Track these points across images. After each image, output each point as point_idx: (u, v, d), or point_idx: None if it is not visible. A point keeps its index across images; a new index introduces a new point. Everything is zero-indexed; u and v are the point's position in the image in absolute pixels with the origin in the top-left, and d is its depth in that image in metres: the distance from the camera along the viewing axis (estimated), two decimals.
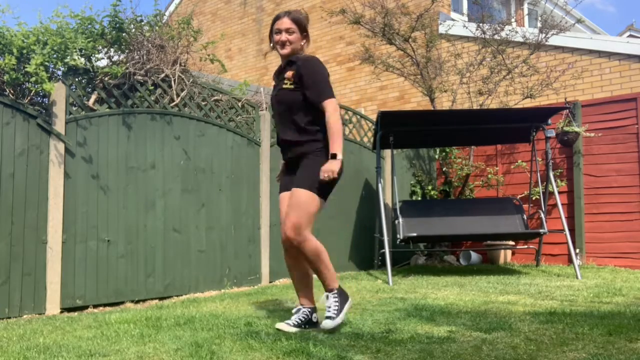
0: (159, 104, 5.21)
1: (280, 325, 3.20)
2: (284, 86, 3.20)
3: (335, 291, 3.18)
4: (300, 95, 3.15)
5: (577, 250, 6.83)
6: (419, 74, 7.56)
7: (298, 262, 3.24)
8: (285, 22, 3.20)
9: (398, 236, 6.18)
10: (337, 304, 3.14)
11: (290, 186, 3.18)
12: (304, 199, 3.05)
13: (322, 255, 3.12)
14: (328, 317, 3.10)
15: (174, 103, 5.30)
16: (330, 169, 3.03)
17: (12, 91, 4.41)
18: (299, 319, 3.23)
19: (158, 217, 5.06)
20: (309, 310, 3.29)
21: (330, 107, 3.11)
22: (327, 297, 3.18)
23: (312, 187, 3.06)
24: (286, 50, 3.21)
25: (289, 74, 3.19)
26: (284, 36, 3.19)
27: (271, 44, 3.31)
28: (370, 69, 8.23)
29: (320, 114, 3.13)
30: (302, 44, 3.26)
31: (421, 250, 7.66)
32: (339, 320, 3.10)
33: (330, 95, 3.14)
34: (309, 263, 3.16)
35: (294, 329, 3.15)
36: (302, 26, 3.23)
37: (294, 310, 3.36)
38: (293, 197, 3.08)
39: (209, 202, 5.46)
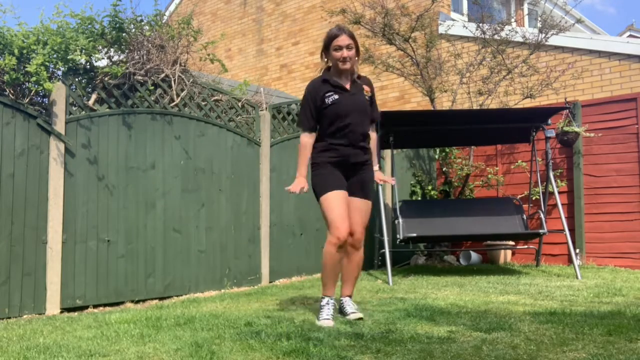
0: (159, 104, 5.21)
1: (357, 315, 3.51)
2: (366, 96, 3.56)
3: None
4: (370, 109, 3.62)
5: (577, 250, 6.83)
6: (419, 74, 7.56)
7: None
8: (345, 39, 3.42)
9: (398, 236, 6.17)
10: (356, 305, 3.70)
11: (349, 189, 3.51)
12: (370, 209, 3.61)
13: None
14: (354, 312, 3.55)
15: (174, 103, 5.30)
16: (385, 179, 3.77)
17: (12, 91, 4.41)
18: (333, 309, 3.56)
19: (158, 217, 5.06)
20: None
21: (375, 132, 3.75)
22: (347, 301, 3.68)
23: (371, 198, 3.63)
24: (347, 66, 3.45)
25: (367, 88, 3.58)
26: (345, 52, 3.42)
27: (325, 59, 3.54)
28: (370, 69, 8.23)
29: None
30: (357, 58, 3.52)
31: (421, 250, 7.66)
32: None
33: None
34: (358, 265, 3.65)
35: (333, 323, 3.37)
36: (356, 41, 3.49)
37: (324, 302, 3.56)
38: (365, 207, 3.56)
39: (209, 202, 5.46)
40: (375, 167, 3.70)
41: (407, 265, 7.39)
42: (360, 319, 3.45)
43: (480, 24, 7.41)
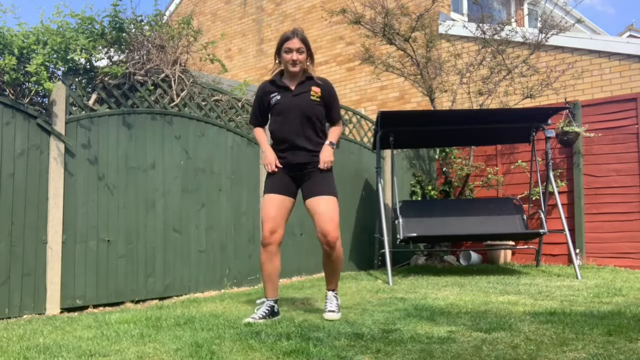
0: (159, 104, 5.21)
1: (331, 315, 3.52)
2: (312, 97, 3.53)
3: (336, 291, 3.71)
4: (323, 110, 3.59)
5: (577, 250, 6.83)
6: (419, 74, 7.56)
7: (274, 260, 3.60)
8: (296, 42, 3.48)
9: (398, 236, 6.17)
10: (338, 301, 3.66)
11: (306, 192, 3.56)
12: (336, 204, 3.54)
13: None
14: (331, 311, 3.54)
15: (174, 103, 5.30)
16: (328, 154, 3.57)
17: (12, 91, 4.42)
18: (266, 311, 3.53)
19: (158, 217, 5.06)
20: (274, 303, 3.61)
21: (340, 125, 3.77)
22: (333, 295, 3.66)
23: (335, 193, 3.57)
24: (297, 68, 3.51)
25: (316, 89, 3.55)
26: (295, 55, 3.48)
27: (277, 61, 3.60)
28: (370, 69, 8.23)
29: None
30: (308, 62, 3.57)
31: (421, 250, 7.66)
32: (340, 315, 3.56)
33: (341, 114, 3.83)
34: (336, 262, 3.58)
35: (262, 321, 3.42)
36: (308, 45, 3.55)
37: (259, 301, 3.66)
38: (328, 203, 3.49)
39: (209, 202, 5.46)
40: (327, 142, 3.61)
41: (407, 265, 7.39)
42: (332, 320, 3.44)
43: (480, 24, 7.41)
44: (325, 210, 3.47)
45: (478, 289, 4.81)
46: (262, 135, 3.72)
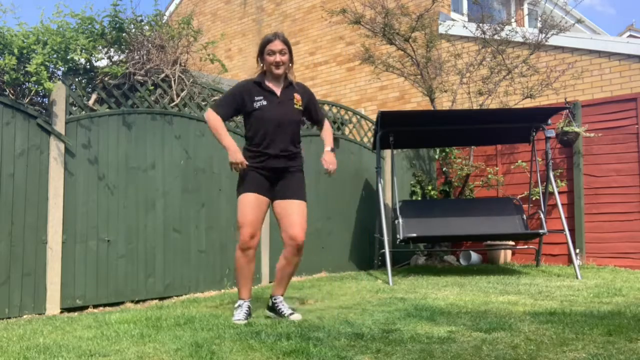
0: (159, 104, 5.21)
1: (296, 316, 3.52)
2: (295, 106, 3.58)
3: None
4: (301, 117, 3.67)
5: (577, 251, 6.82)
6: (419, 74, 7.56)
7: (252, 263, 3.56)
8: (278, 44, 3.50)
9: (398, 236, 6.17)
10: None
11: (279, 193, 3.56)
12: (306, 210, 3.56)
13: None
14: (292, 313, 3.56)
15: (174, 103, 5.30)
16: (334, 161, 3.62)
17: (12, 91, 4.42)
18: (247, 312, 3.56)
19: (158, 217, 5.06)
20: (250, 302, 3.64)
21: (327, 122, 3.85)
22: (282, 301, 3.64)
23: (306, 199, 3.61)
24: (280, 70, 3.52)
25: (297, 97, 3.60)
26: (278, 57, 3.50)
27: (261, 64, 3.58)
28: (370, 69, 8.23)
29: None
30: (290, 64, 3.58)
31: (421, 250, 7.66)
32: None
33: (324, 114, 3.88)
34: (296, 266, 3.58)
35: (245, 321, 3.45)
36: (290, 47, 3.57)
37: (237, 304, 3.63)
38: (301, 208, 3.53)
39: (209, 202, 5.46)
40: (327, 148, 3.66)
41: (407, 265, 7.39)
42: (299, 318, 3.46)
43: (480, 24, 7.41)
44: (298, 215, 3.49)
45: (478, 289, 4.81)
46: (224, 128, 3.56)
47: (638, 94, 6.86)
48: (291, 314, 3.54)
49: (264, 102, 3.51)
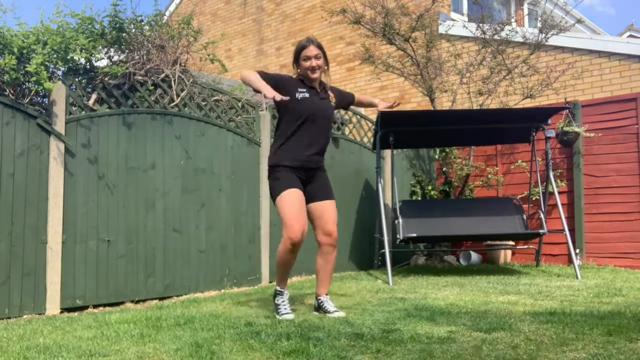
0: (159, 104, 5.21)
1: (340, 314, 3.61)
2: (331, 102, 3.76)
3: None
4: (334, 113, 3.90)
5: (577, 251, 6.82)
6: (419, 74, 7.56)
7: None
8: (313, 50, 3.64)
9: (398, 236, 6.17)
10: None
11: (312, 194, 3.66)
12: (336, 208, 3.72)
13: None
14: (337, 310, 3.64)
15: (174, 103, 5.30)
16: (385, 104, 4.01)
17: (12, 91, 4.41)
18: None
19: (158, 217, 5.06)
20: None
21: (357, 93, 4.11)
22: (327, 300, 3.75)
23: (334, 198, 3.76)
24: (316, 74, 3.65)
25: (331, 94, 3.80)
26: (314, 62, 3.62)
27: (298, 70, 3.69)
28: (370, 69, 8.23)
29: None
30: (325, 67, 3.72)
31: (421, 250, 7.66)
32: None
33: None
34: (334, 262, 3.71)
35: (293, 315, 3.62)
36: (324, 51, 3.71)
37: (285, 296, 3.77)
38: (333, 207, 3.69)
39: (209, 202, 5.46)
40: (375, 100, 4.07)
41: (407, 265, 7.39)
42: (340, 316, 3.56)
43: (480, 24, 7.41)
44: (331, 213, 3.66)
45: (478, 289, 4.81)
46: (258, 76, 3.51)
47: (638, 94, 6.86)
48: (335, 311, 3.62)
49: (307, 95, 3.62)
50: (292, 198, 3.49)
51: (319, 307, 3.73)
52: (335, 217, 3.67)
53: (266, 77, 3.54)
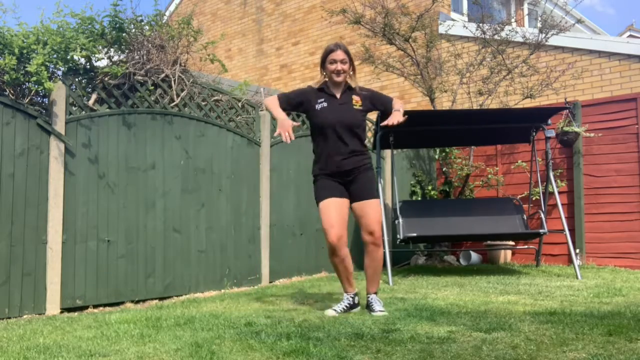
0: (159, 104, 5.21)
1: (382, 313, 3.66)
2: (355, 107, 3.77)
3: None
4: (365, 117, 3.87)
5: (577, 251, 6.83)
6: (419, 74, 7.56)
7: (345, 260, 3.80)
8: (340, 54, 3.72)
9: (398, 236, 6.17)
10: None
11: (354, 195, 3.75)
12: (379, 205, 3.79)
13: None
14: (381, 310, 3.69)
15: (174, 103, 5.30)
16: (394, 116, 3.75)
17: (12, 91, 4.41)
18: (347, 305, 3.83)
19: (158, 217, 5.06)
20: (354, 295, 3.90)
21: (397, 100, 3.96)
22: (374, 298, 3.81)
23: (378, 195, 3.82)
24: (341, 78, 3.75)
25: (356, 98, 3.80)
26: (339, 66, 3.72)
27: (324, 73, 3.81)
28: (370, 69, 8.23)
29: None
30: (351, 72, 3.81)
31: (421, 250, 7.66)
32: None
33: (391, 97, 4.01)
34: (380, 260, 3.79)
35: (344, 313, 3.73)
36: (351, 57, 3.78)
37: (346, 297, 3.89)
38: (373, 205, 3.73)
39: (209, 202, 5.46)
40: (395, 108, 3.87)
41: (407, 265, 7.39)
42: (383, 315, 3.62)
43: (481, 24, 7.41)
44: (372, 212, 3.71)
45: (478, 289, 4.81)
46: (277, 105, 3.73)
47: (638, 94, 6.86)
48: (380, 311, 3.67)
49: (325, 104, 3.75)
50: (327, 205, 3.71)
51: (367, 306, 3.80)
52: (376, 215, 3.71)
53: (287, 99, 3.79)
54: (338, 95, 3.78)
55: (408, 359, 2.51)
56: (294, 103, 3.81)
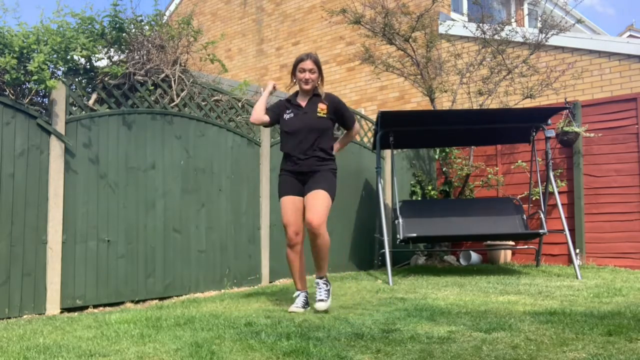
0: (159, 104, 5.21)
1: (320, 305, 3.80)
2: (319, 114, 3.98)
3: (325, 278, 3.97)
4: (331, 124, 4.07)
5: (577, 251, 6.82)
6: (419, 74, 7.56)
7: (300, 257, 4.02)
8: (309, 64, 3.98)
9: (398, 236, 6.17)
10: (328, 286, 3.94)
11: (307, 189, 3.93)
12: (326, 197, 3.87)
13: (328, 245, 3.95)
14: (320, 300, 3.82)
15: (174, 103, 5.30)
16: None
17: (12, 91, 4.41)
18: (303, 301, 3.97)
19: (158, 217, 5.06)
20: (307, 293, 4.06)
21: (353, 130, 4.28)
22: (323, 282, 3.93)
23: (327, 189, 3.91)
24: (309, 86, 4.01)
25: (322, 106, 4.01)
26: (307, 75, 3.98)
27: (294, 80, 4.11)
28: (370, 69, 8.23)
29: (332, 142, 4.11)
30: (319, 81, 4.04)
31: (421, 250, 7.66)
32: (330, 302, 3.88)
33: (354, 118, 4.29)
34: (319, 248, 3.86)
35: (302, 309, 3.89)
36: (320, 67, 4.03)
37: (295, 295, 4.07)
38: (317, 196, 3.85)
39: (209, 202, 5.46)
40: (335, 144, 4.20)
41: (407, 265, 7.39)
42: (322, 311, 3.76)
43: (481, 24, 7.41)
44: (313, 201, 3.85)
45: (478, 289, 4.81)
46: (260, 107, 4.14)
47: (638, 94, 6.86)
48: (320, 300, 3.82)
49: (291, 115, 4.05)
50: (285, 203, 3.98)
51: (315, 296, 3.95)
52: (317, 205, 3.82)
53: (269, 109, 4.16)
54: (303, 104, 4.03)
55: (408, 359, 2.51)
56: (273, 117, 4.12)
